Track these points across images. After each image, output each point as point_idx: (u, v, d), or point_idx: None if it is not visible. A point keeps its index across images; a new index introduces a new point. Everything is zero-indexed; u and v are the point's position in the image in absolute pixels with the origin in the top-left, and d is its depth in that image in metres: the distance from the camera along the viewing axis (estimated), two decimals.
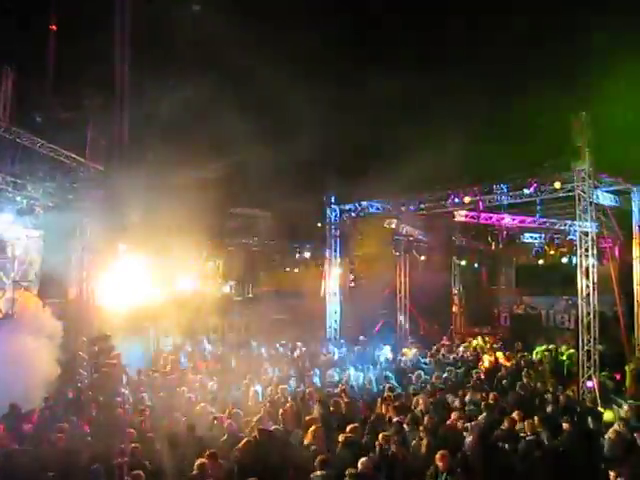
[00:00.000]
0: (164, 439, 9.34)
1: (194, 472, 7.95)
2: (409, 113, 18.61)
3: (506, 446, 9.13)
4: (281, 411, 10.63)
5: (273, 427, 9.68)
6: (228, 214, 23.24)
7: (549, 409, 11.14)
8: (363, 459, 7.86)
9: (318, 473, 7.69)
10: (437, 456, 7.94)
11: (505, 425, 9.71)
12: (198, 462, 8.04)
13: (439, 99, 18.58)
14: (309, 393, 12.27)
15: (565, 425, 9.60)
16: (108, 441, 9.29)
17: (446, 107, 18.56)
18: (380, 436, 8.77)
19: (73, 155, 14.75)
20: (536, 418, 9.72)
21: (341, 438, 8.83)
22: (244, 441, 8.85)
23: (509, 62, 17.57)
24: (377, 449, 8.59)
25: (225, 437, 9.56)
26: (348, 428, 9.21)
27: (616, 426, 9.48)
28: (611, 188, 16.14)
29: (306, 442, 9.07)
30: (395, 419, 10.14)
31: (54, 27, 20.95)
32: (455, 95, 18.75)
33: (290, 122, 18.65)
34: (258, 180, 20.20)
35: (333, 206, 21.19)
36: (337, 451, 8.61)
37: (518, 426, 9.74)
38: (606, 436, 9.15)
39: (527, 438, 9.15)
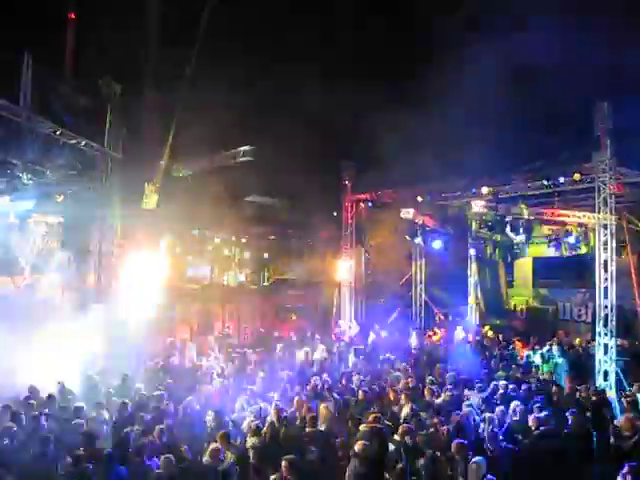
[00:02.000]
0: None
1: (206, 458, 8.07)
2: (426, 102, 18.42)
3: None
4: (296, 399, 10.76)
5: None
6: (244, 202, 23.29)
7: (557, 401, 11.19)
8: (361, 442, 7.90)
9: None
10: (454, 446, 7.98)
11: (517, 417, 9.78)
12: (211, 447, 8.15)
13: (455, 87, 18.40)
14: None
15: (571, 418, 9.62)
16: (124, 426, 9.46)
17: (464, 95, 18.38)
18: (400, 430, 8.76)
19: (92, 143, 14.83)
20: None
21: (364, 427, 8.81)
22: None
23: (525, 45, 17.27)
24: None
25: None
26: (370, 417, 9.26)
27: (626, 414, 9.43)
28: (631, 180, 15.95)
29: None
30: (408, 407, 10.22)
31: (73, 15, 21.07)
32: (473, 83, 18.56)
33: (307, 110, 18.57)
34: (274, 169, 20.18)
35: (349, 195, 21.19)
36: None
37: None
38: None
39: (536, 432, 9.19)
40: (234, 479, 7.87)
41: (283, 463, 7.41)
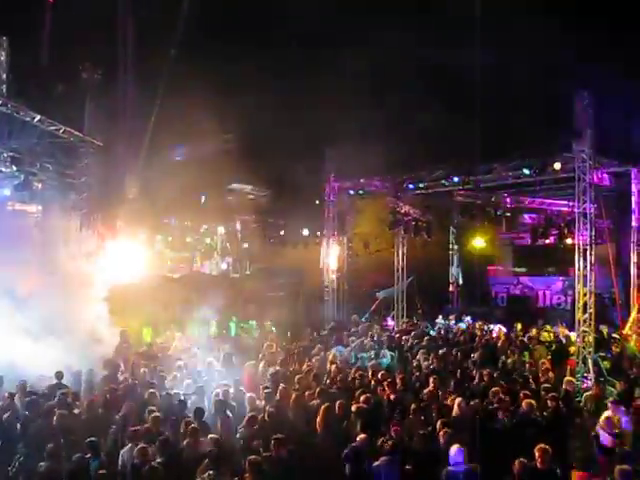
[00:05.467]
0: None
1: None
2: (408, 90, 18.43)
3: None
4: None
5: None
6: (226, 190, 23.16)
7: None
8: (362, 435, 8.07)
9: None
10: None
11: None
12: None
13: (440, 75, 18.42)
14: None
15: (550, 403, 9.80)
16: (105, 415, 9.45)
17: (447, 82, 18.42)
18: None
19: (71, 130, 14.62)
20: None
21: (354, 408, 9.18)
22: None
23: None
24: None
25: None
26: (362, 398, 9.54)
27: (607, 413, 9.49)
28: (610, 169, 16.13)
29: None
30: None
31: None
32: (457, 70, 18.60)
33: (289, 97, 18.48)
34: (257, 156, 20.09)
35: (332, 183, 21.13)
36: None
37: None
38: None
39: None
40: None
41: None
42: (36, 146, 14.05)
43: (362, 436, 8.09)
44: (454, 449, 7.54)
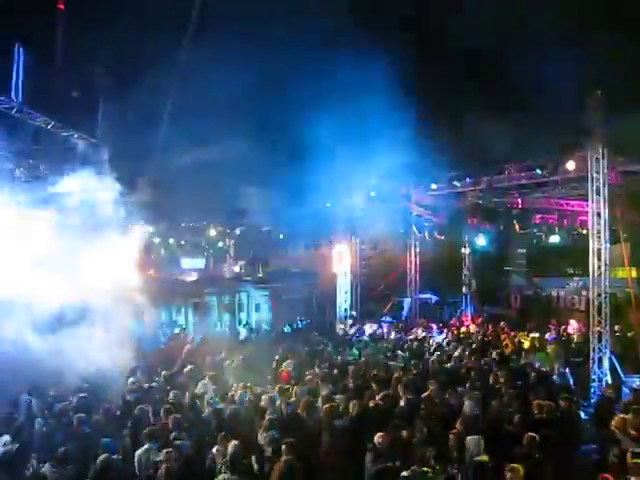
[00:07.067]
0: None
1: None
2: (423, 92, 18.39)
3: None
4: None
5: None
6: (239, 194, 23.23)
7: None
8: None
9: None
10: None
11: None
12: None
13: (453, 77, 18.36)
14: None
15: (563, 403, 9.74)
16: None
17: (461, 85, 18.33)
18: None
19: (85, 135, 14.76)
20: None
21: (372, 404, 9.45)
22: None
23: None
24: None
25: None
26: (379, 396, 9.73)
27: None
28: (624, 169, 15.97)
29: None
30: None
31: (61, 5, 20.82)
32: (472, 73, 18.54)
33: (299, 100, 18.50)
34: (268, 160, 20.14)
35: (345, 185, 21.06)
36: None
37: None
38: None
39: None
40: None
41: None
42: (50, 152, 14.19)
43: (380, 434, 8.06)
44: (471, 439, 7.53)
